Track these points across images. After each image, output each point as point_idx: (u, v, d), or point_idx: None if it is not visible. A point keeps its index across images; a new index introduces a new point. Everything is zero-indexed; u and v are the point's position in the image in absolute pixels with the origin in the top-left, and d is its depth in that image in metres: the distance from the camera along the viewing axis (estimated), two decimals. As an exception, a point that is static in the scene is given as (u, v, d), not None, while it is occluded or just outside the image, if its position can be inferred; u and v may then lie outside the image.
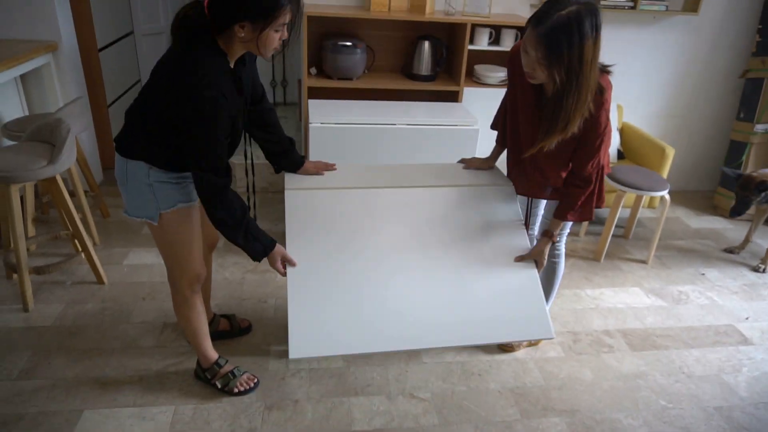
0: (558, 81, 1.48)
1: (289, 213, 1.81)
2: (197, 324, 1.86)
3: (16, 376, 1.96)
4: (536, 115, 1.69)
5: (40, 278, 2.49)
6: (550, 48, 1.44)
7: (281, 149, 1.92)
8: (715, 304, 2.70)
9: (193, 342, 1.92)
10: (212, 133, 1.44)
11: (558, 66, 1.46)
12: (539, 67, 1.50)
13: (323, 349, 1.50)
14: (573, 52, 1.43)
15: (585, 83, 1.48)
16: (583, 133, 1.64)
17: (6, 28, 2.84)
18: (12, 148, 2.24)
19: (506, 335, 1.69)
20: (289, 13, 1.42)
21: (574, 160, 1.76)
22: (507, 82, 1.90)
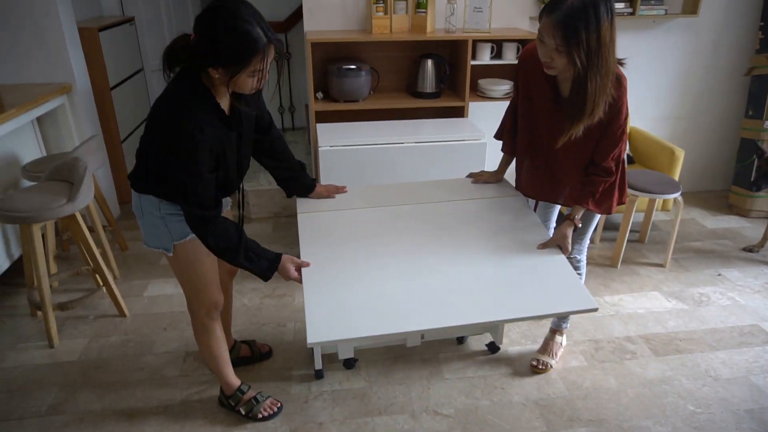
0: (579, 64, 1.49)
1: (302, 232, 1.85)
2: (217, 351, 1.88)
3: (44, 412, 1.99)
4: (556, 111, 1.70)
5: (64, 314, 2.54)
6: (568, 32, 1.46)
7: (291, 175, 1.95)
8: (737, 304, 2.67)
9: (214, 369, 1.93)
10: (192, 167, 1.45)
11: (578, 49, 1.47)
12: (557, 54, 1.52)
13: (340, 334, 1.47)
14: (591, 35, 1.45)
15: (605, 65, 1.50)
16: (607, 121, 1.65)
17: (22, 72, 2.94)
18: (32, 188, 2.30)
19: (546, 309, 1.58)
20: (262, 60, 1.38)
21: (596, 152, 1.76)
22: (514, 90, 1.92)
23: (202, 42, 1.37)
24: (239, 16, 1.33)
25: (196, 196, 1.49)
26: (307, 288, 1.62)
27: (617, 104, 1.63)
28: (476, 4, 3.00)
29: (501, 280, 1.67)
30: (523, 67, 1.81)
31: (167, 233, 1.64)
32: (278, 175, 1.95)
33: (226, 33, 1.33)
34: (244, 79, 1.41)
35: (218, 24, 1.33)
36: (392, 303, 1.56)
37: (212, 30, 1.34)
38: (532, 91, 1.79)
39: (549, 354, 2.23)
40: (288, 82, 4.71)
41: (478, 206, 2.00)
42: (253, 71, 1.39)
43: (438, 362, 2.25)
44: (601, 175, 1.79)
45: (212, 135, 1.47)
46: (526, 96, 1.84)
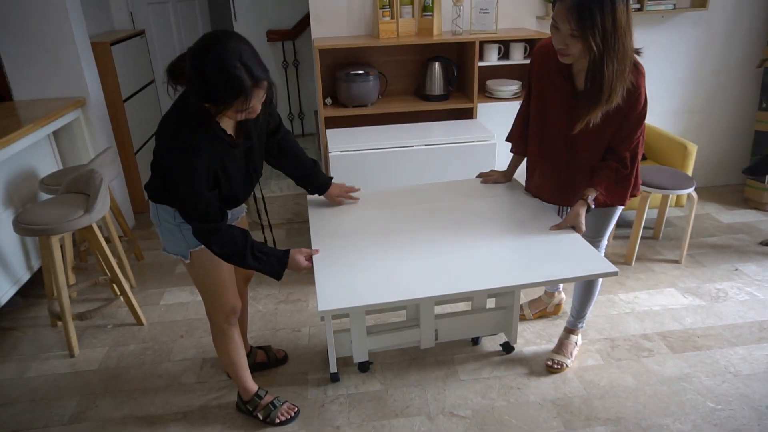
0: (595, 48, 1.48)
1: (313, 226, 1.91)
2: (235, 357, 1.90)
3: (67, 421, 2.03)
4: (572, 105, 1.70)
5: (83, 324, 2.58)
6: (582, 16, 1.45)
7: (305, 173, 1.98)
8: (756, 299, 2.63)
9: (232, 374, 1.95)
10: (190, 187, 1.50)
11: (593, 33, 1.46)
12: (572, 40, 1.51)
13: (350, 302, 1.49)
14: (606, 18, 1.44)
15: (622, 49, 1.49)
16: (626, 109, 1.64)
17: (38, 88, 3.00)
18: (50, 201, 2.35)
19: (565, 273, 1.58)
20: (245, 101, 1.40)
21: (614, 141, 1.74)
22: (525, 90, 1.92)
23: (193, 78, 1.40)
24: (227, 60, 1.35)
25: (197, 211, 1.54)
26: (318, 263, 1.66)
27: (636, 91, 1.62)
28: (482, 6, 3.01)
29: (516, 252, 1.69)
30: (536, 63, 1.81)
31: (183, 240, 1.67)
32: (292, 173, 1.98)
33: (213, 75, 1.36)
34: (231, 114, 1.45)
35: (207, 65, 1.36)
36: (403, 275, 1.59)
37: (201, 70, 1.36)
38: (546, 87, 1.78)
39: (564, 353, 2.22)
40: (297, 89, 4.75)
41: (490, 204, 2.01)
42: (237, 110, 1.43)
43: (453, 363, 2.26)
44: (616, 162, 1.77)
45: (210, 155, 1.50)
46: (539, 94, 1.82)
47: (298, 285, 2.87)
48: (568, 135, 1.76)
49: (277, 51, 4.61)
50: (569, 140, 1.79)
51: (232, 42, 1.38)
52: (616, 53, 1.48)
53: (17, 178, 2.71)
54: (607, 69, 1.51)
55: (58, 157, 3.11)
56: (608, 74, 1.52)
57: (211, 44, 1.37)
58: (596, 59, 1.51)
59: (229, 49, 1.36)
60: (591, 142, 1.77)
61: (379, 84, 3.07)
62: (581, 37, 1.49)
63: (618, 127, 1.71)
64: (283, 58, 4.62)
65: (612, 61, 1.49)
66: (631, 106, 1.65)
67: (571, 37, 1.51)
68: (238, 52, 1.37)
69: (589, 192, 1.82)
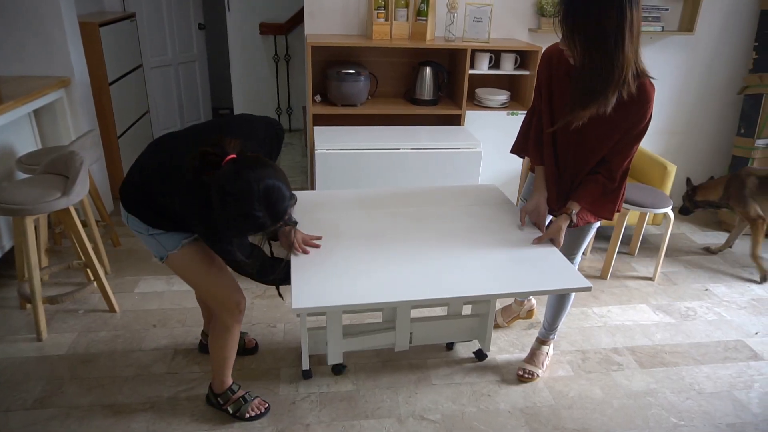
0: (578, 53, 1.46)
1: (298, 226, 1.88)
2: (229, 352, 1.88)
3: (30, 406, 1.99)
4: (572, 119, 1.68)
5: (53, 308, 2.53)
6: (566, 19, 1.46)
7: None
8: (723, 320, 2.70)
9: (217, 368, 1.92)
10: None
11: (577, 36, 1.45)
12: (565, 42, 1.50)
13: (325, 301, 1.49)
14: (589, 25, 1.42)
15: (607, 57, 1.45)
16: (633, 120, 1.63)
17: (21, 64, 2.94)
18: (27, 181, 2.30)
19: (539, 286, 1.60)
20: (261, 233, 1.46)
21: (610, 151, 1.72)
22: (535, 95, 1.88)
23: (214, 207, 1.36)
24: (251, 204, 1.32)
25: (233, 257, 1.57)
26: (295, 260, 1.66)
27: (647, 105, 1.60)
28: (476, 15, 3.04)
29: (494, 262, 1.70)
30: (544, 68, 1.79)
31: (159, 245, 1.65)
32: None
33: (235, 215, 1.35)
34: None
35: (229, 207, 1.34)
36: (380, 277, 1.60)
37: (223, 208, 1.34)
38: (554, 90, 1.76)
39: (535, 363, 2.25)
40: (287, 84, 4.73)
41: (472, 212, 2.03)
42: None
43: (426, 368, 2.27)
44: (604, 175, 1.77)
45: None
46: (548, 99, 1.80)
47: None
48: (575, 141, 1.75)
49: (269, 44, 4.59)
50: (576, 146, 1.77)
51: (257, 181, 1.33)
52: (598, 60, 1.46)
53: (-6, 155, 2.65)
54: (589, 73, 1.49)
55: (37, 137, 3.04)
56: (589, 78, 1.50)
57: (238, 187, 1.33)
58: (580, 63, 1.50)
59: (254, 191, 1.32)
60: (594, 150, 1.74)
61: (369, 84, 3.07)
62: (568, 38, 1.48)
63: (620, 137, 1.69)
64: (275, 51, 4.60)
65: (595, 66, 1.47)
66: (637, 120, 1.63)
67: (564, 39, 1.52)
68: (265, 189, 1.33)
69: (572, 206, 1.83)
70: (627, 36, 1.45)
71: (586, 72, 1.52)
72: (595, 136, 1.71)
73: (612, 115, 1.62)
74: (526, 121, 2.00)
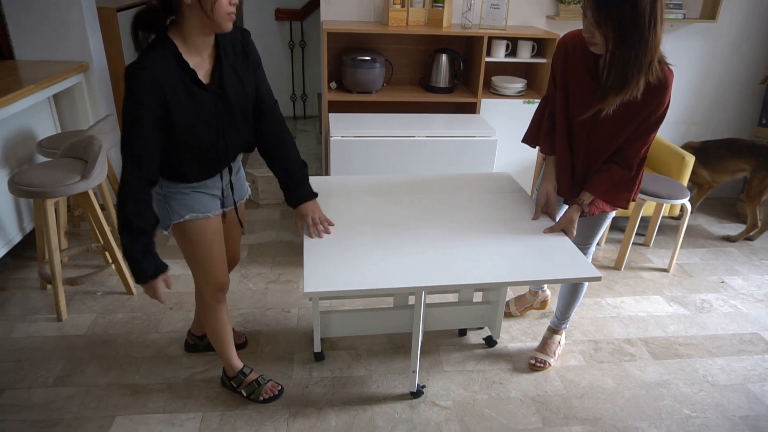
0: (611, 36, 1.46)
1: None
2: (221, 333, 1.91)
3: (51, 383, 2.04)
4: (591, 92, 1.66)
5: (73, 289, 2.59)
6: (599, 4, 1.45)
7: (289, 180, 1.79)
8: (739, 312, 2.67)
9: (218, 350, 1.96)
10: (132, 108, 1.40)
11: (610, 20, 1.45)
12: (597, 28, 1.49)
13: (337, 285, 1.51)
14: (625, 5, 1.42)
15: (642, 40, 1.46)
16: (651, 107, 1.61)
17: (41, 49, 2.97)
18: (47, 164, 2.34)
19: (550, 275, 1.61)
20: None
21: (627, 140, 1.71)
22: (550, 84, 1.87)
23: None
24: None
25: (132, 144, 1.42)
26: (308, 244, 1.67)
27: (664, 91, 1.59)
28: (494, 1, 3.00)
29: (505, 250, 1.71)
30: (560, 55, 1.77)
31: (166, 212, 1.64)
32: (277, 176, 1.80)
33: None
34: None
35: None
36: (393, 263, 1.61)
37: None
38: (571, 80, 1.75)
39: (547, 353, 2.26)
40: (302, 70, 4.73)
41: (486, 200, 2.03)
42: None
43: (438, 354, 2.28)
44: (620, 164, 1.75)
45: (161, 78, 1.40)
46: (563, 87, 1.78)
47: (290, 266, 2.88)
48: (589, 129, 1.74)
49: (285, 30, 4.58)
50: (590, 134, 1.76)
51: None
52: (632, 44, 1.46)
53: (15, 139, 2.69)
54: (622, 57, 1.49)
55: (57, 121, 3.08)
56: (622, 63, 1.49)
57: None
58: (612, 47, 1.50)
59: None
60: (612, 138, 1.73)
61: (384, 71, 3.06)
62: (598, 25, 1.48)
63: (637, 124, 1.68)
64: (290, 38, 4.59)
65: (628, 50, 1.47)
66: (655, 106, 1.62)
67: (595, 25, 1.50)
68: None
69: (584, 196, 1.83)
70: (659, 17, 1.45)
71: (618, 57, 1.50)
72: (614, 124, 1.69)
73: (631, 102, 1.61)
74: (539, 111, 1.99)
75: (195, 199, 1.65)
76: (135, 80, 1.39)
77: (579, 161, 1.85)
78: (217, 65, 1.53)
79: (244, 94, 1.61)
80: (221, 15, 1.41)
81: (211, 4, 1.38)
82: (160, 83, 1.40)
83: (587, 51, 1.65)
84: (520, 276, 1.60)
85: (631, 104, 1.62)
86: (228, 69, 1.55)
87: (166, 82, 1.41)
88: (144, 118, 1.41)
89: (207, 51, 1.52)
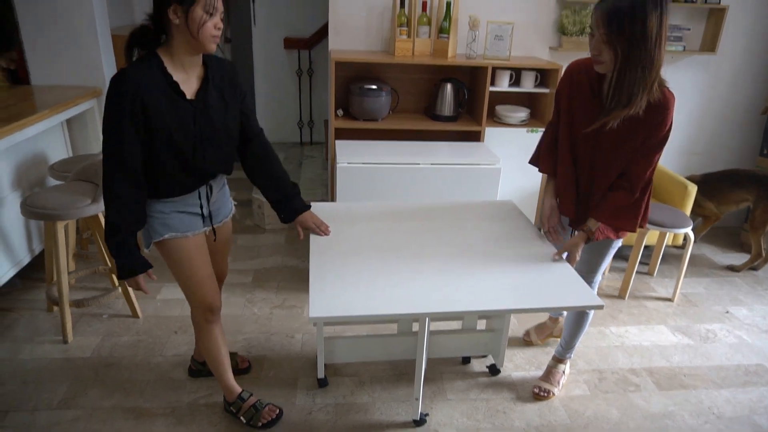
0: (620, 52, 1.53)
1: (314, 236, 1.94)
2: (215, 354, 1.90)
3: (55, 406, 2.04)
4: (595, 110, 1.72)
5: (79, 311, 2.60)
6: (611, 21, 1.51)
7: (279, 198, 1.91)
8: (744, 343, 2.66)
9: (215, 373, 1.95)
10: (114, 113, 1.47)
11: (620, 37, 1.51)
12: (604, 46, 1.56)
13: (341, 311, 1.53)
14: (635, 24, 1.49)
15: (648, 58, 1.52)
16: (651, 126, 1.66)
17: (56, 75, 3.05)
18: (59, 187, 2.38)
19: (552, 302, 1.63)
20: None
21: (632, 159, 1.75)
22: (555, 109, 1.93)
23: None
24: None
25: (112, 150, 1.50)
26: (313, 267, 1.70)
27: (665, 111, 1.64)
28: (498, 33, 3.08)
29: (508, 277, 1.73)
30: (566, 81, 1.83)
31: (147, 231, 1.68)
32: (269, 196, 1.92)
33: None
34: (200, 14, 1.46)
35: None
36: (396, 289, 1.63)
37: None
38: (576, 105, 1.81)
39: (551, 382, 2.25)
40: (309, 98, 4.81)
41: (490, 228, 2.05)
42: (206, 4, 1.47)
43: (441, 382, 2.28)
44: (625, 188, 1.79)
45: (143, 82, 1.48)
46: (568, 111, 1.84)
47: (295, 292, 2.89)
48: (593, 144, 1.79)
49: (293, 58, 4.68)
50: (594, 149, 1.80)
51: None
52: (640, 60, 1.53)
53: (27, 162, 2.75)
54: (629, 73, 1.55)
55: (69, 145, 3.14)
56: (630, 79, 1.56)
57: None
58: (621, 63, 1.56)
59: None
60: (616, 149, 1.77)
61: (390, 100, 3.12)
62: (608, 43, 1.54)
63: (640, 144, 1.72)
64: (298, 66, 4.69)
65: (635, 67, 1.54)
66: (656, 125, 1.67)
67: (603, 43, 1.56)
68: None
69: (590, 223, 1.86)
70: (663, 36, 1.54)
71: (626, 74, 1.57)
72: (617, 137, 1.73)
73: (634, 117, 1.66)
74: (545, 134, 2.04)
75: (174, 218, 1.69)
76: (118, 86, 1.47)
77: (583, 177, 1.89)
78: (203, 85, 1.61)
79: (226, 114, 1.68)
80: (206, 37, 1.51)
81: (198, 26, 1.49)
82: (141, 89, 1.48)
83: (592, 73, 1.72)
84: (523, 303, 1.61)
85: (633, 119, 1.67)
86: (214, 91, 1.64)
87: (147, 88, 1.49)
88: (125, 123, 1.48)
89: (193, 71, 1.60)
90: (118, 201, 1.55)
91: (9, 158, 2.59)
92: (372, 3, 3.13)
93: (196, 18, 1.47)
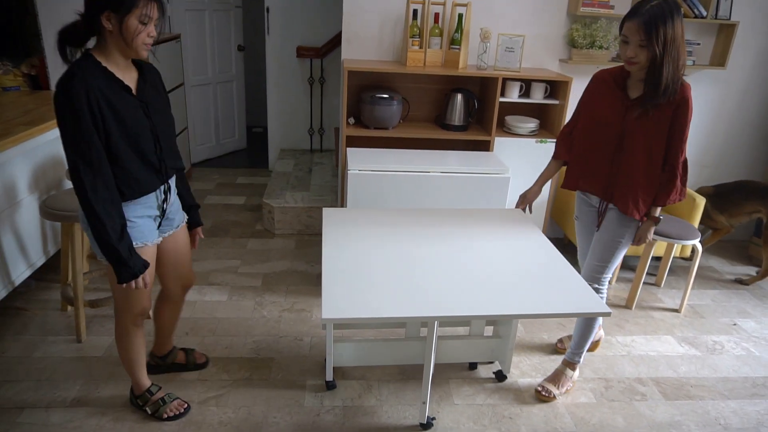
0: (658, 53, 1.80)
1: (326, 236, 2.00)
2: (134, 355, 1.95)
3: (69, 403, 2.08)
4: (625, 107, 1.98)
5: (92, 311, 2.65)
6: (649, 29, 1.78)
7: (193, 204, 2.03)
8: (751, 355, 2.66)
9: (128, 370, 2.00)
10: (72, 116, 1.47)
11: (657, 42, 1.79)
12: (641, 50, 1.83)
13: (352, 313, 1.56)
14: (668, 29, 1.78)
15: (677, 54, 1.82)
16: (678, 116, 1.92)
17: (75, 81, 3.12)
18: (77, 189, 2.44)
19: (560, 308, 1.67)
20: (147, 5, 1.50)
21: (668, 152, 1.99)
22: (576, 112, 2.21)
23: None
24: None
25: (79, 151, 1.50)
26: (326, 271, 1.74)
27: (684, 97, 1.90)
28: (508, 45, 3.12)
29: (516, 284, 1.78)
30: (592, 86, 2.12)
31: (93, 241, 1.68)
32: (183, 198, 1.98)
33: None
34: (134, 24, 1.49)
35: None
36: (405, 295, 1.67)
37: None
38: (598, 101, 2.07)
39: (556, 384, 2.27)
40: (320, 105, 4.87)
41: (500, 236, 2.09)
42: (144, 16, 1.50)
43: (448, 386, 2.30)
44: (669, 173, 2.02)
45: (91, 84, 1.49)
46: (590, 107, 2.11)
47: (304, 295, 2.93)
48: (620, 132, 2.00)
49: (305, 67, 4.75)
50: (620, 138, 2.01)
51: None
52: (672, 57, 1.82)
53: (46, 164, 2.81)
54: (665, 69, 1.83)
55: (85, 148, 3.20)
56: (665, 74, 1.83)
57: None
58: (657, 62, 1.82)
59: None
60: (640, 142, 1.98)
61: (401, 109, 3.17)
62: (647, 47, 1.81)
63: (669, 134, 1.96)
64: (310, 74, 4.75)
65: (669, 63, 1.82)
66: (681, 112, 1.91)
67: (639, 47, 1.83)
68: None
69: (652, 210, 2.08)
70: (684, 37, 1.86)
71: (662, 70, 1.83)
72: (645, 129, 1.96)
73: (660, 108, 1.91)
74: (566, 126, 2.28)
75: (134, 227, 1.69)
76: (69, 88, 1.47)
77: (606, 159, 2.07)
78: (140, 84, 1.66)
79: (166, 111, 1.75)
80: (139, 45, 1.55)
81: (132, 36, 1.52)
82: (92, 87, 1.49)
83: (615, 72, 2.04)
84: (531, 309, 1.64)
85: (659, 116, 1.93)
86: (151, 89, 1.70)
87: (97, 86, 1.51)
88: (85, 122, 1.49)
89: (128, 71, 1.64)
90: (110, 205, 1.57)
91: (28, 161, 2.65)
92: (385, 14, 3.19)
93: (130, 28, 1.50)
